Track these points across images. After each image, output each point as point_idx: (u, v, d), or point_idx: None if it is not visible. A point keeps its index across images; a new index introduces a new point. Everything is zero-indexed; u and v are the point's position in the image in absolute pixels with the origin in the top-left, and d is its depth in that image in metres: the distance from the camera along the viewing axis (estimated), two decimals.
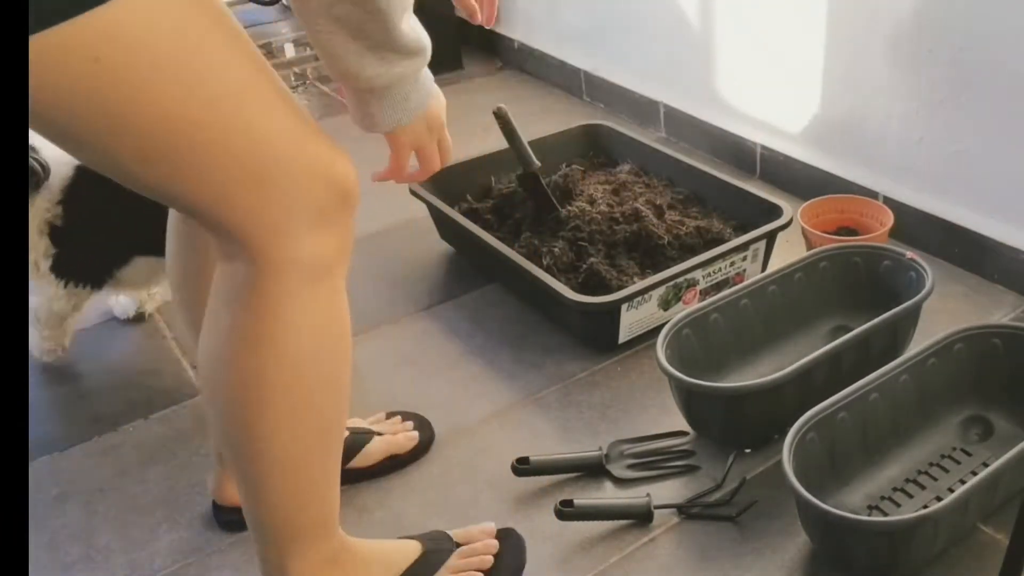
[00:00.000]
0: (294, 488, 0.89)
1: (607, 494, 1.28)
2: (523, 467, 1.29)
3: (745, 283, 1.48)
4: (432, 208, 1.80)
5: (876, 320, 1.35)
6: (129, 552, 1.23)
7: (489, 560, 1.12)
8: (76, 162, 1.40)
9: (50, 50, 0.65)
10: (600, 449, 1.33)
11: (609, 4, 2.34)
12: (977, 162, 1.62)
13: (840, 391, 1.21)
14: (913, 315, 1.43)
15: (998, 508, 1.18)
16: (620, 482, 1.30)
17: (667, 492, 1.28)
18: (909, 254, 1.47)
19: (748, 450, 1.33)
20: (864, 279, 1.52)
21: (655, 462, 1.32)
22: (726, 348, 1.45)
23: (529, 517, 1.25)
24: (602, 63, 2.45)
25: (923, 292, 1.39)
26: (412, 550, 1.10)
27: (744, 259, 1.62)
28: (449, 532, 1.16)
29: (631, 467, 1.32)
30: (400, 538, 1.13)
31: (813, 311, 1.53)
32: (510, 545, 1.15)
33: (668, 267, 1.55)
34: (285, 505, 0.90)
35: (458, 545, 1.14)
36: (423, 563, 1.09)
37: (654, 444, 1.35)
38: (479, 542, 1.14)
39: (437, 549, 1.11)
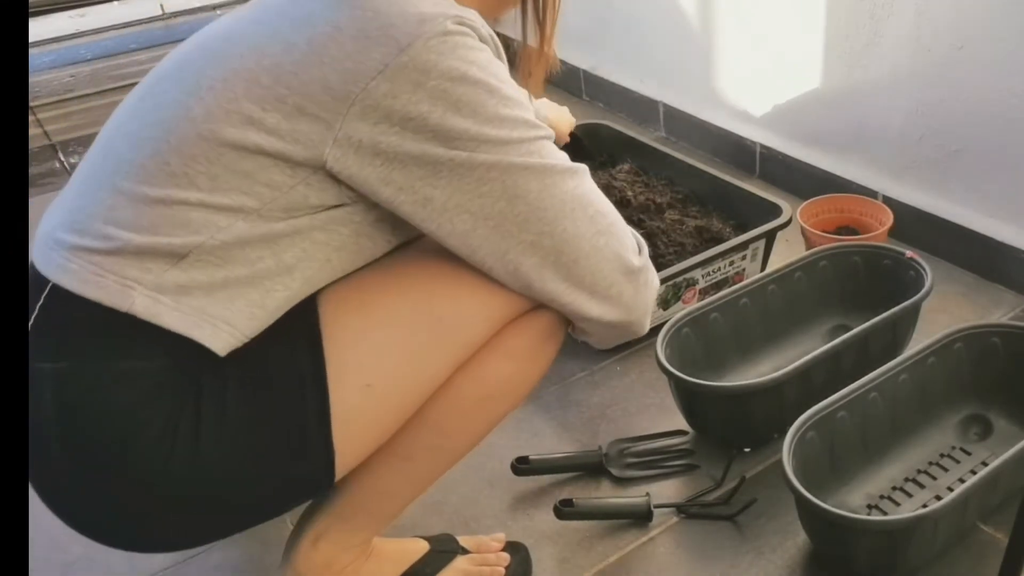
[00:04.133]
0: (427, 484, 1.02)
1: (606, 493, 1.29)
2: (523, 466, 1.29)
3: (745, 282, 1.48)
4: None
5: (876, 319, 1.35)
6: (129, 552, 1.23)
7: (500, 572, 1.13)
8: None
9: None
10: (600, 448, 1.33)
11: (609, 4, 2.34)
12: (977, 161, 1.62)
13: (840, 390, 1.21)
14: (913, 314, 1.43)
15: (997, 507, 1.18)
16: (619, 481, 1.30)
17: (666, 491, 1.28)
18: (909, 253, 1.47)
19: (748, 449, 1.33)
20: (864, 278, 1.52)
21: (654, 461, 1.32)
22: (726, 347, 1.45)
23: (529, 516, 1.25)
24: (601, 62, 2.45)
25: (923, 291, 1.39)
26: (420, 548, 1.13)
27: (743, 258, 1.62)
28: (456, 537, 1.16)
29: (630, 466, 1.32)
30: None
31: (813, 310, 1.53)
32: (519, 560, 1.16)
33: (667, 266, 1.55)
34: (406, 495, 1.02)
35: (465, 550, 1.15)
36: (429, 561, 1.11)
37: (653, 443, 1.35)
38: (491, 552, 1.15)
39: (443, 550, 1.13)
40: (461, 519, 1.25)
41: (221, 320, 0.82)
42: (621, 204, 1.74)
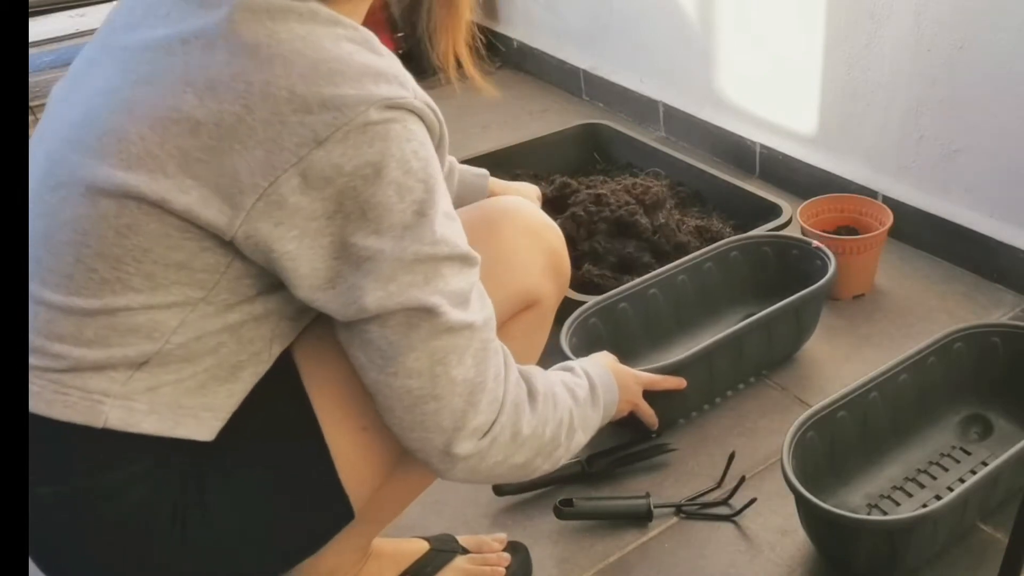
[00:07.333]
0: (423, 487, 1.04)
1: (606, 493, 1.29)
2: None
3: (653, 272, 1.49)
4: None
5: (777, 305, 1.37)
6: None
7: (501, 572, 1.13)
8: None
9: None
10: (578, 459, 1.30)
11: (608, 4, 2.34)
12: (977, 161, 1.62)
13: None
14: (816, 301, 1.45)
15: (997, 507, 1.18)
16: (602, 477, 1.29)
17: (666, 491, 1.28)
18: (815, 243, 1.49)
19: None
20: (774, 268, 1.54)
21: (634, 459, 1.32)
22: (635, 337, 1.46)
23: (529, 516, 1.25)
24: (601, 62, 2.45)
25: (824, 279, 1.41)
26: (420, 548, 1.13)
27: None
28: (457, 536, 1.17)
29: (611, 464, 1.31)
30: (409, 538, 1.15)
31: (724, 300, 1.55)
32: (519, 560, 1.16)
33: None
34: (404, 499, 1.03)
35: (465, 550, 1.15)
36: (429, 560, 1.11)
37: (631, 449, 1.33)
38: (492, 552, 1.15)
39: (443, 549, 1.13)
40: (461, 519, 1.25)
41: (200, 408, 0.80)
42: (620, 207, 1.74)
